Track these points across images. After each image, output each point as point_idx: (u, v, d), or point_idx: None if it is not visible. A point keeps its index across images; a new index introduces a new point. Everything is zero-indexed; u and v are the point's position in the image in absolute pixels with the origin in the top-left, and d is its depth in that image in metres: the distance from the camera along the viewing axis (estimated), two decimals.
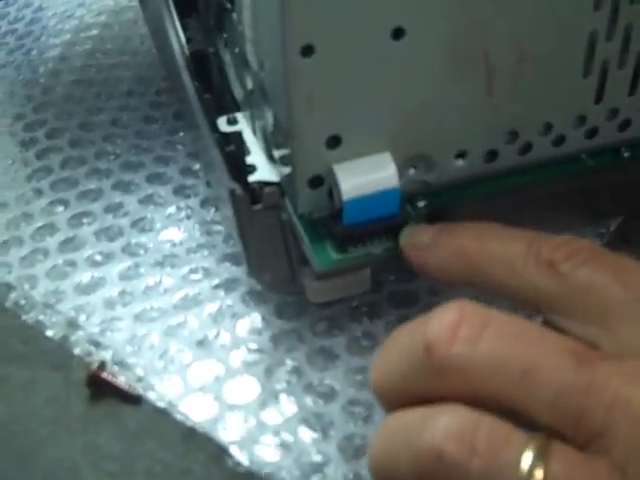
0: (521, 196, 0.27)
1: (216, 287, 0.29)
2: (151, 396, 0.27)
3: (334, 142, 0.24)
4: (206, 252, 0.31)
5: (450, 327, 0.19)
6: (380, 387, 0.20)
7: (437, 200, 0.26)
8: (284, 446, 0.25)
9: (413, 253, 0.24)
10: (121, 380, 0.27)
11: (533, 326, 0.19)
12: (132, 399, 0.27)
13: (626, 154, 0.28)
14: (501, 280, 0.22)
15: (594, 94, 0.26)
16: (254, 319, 0.28)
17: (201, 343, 0.28)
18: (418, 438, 0.18)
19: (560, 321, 0.21)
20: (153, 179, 0.34)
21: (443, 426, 0.18)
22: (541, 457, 0.17)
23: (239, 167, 0.26)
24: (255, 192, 0.26)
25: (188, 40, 0.31)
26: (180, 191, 0.33)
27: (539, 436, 0.18)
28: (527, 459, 0.17)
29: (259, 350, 0.27)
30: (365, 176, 0.24)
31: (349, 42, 0.22)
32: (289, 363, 0.27)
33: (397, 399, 0.20)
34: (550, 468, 0.17)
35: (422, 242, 0.24)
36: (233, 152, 0.27)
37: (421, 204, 0.26)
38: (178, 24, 0.32)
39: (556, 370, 0.18)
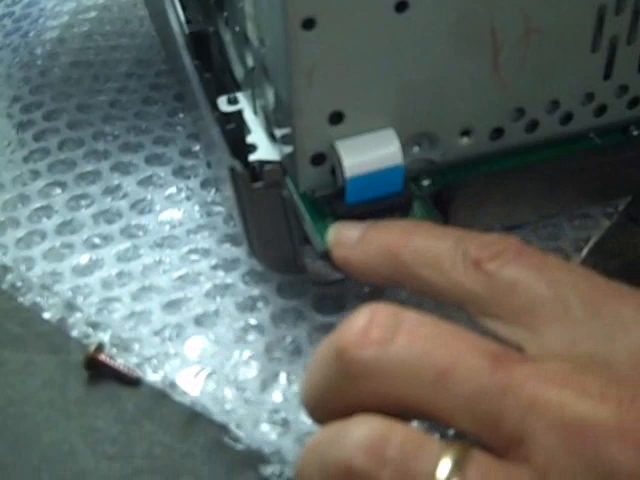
0: (527, 175, 0.27)
1: (215, 267, 0.29)
2: (149, 375, 0.26)
3: (336, 118, 0.23)
4: (206, 233, 0.30)
5: (360, 331, 0.18)
6: (306, 402, 0.20)
7: (442, 179, 0.26)
8: (285, 425, 0.24)
9: (339, 250, 0.23)
10: (119, 362, 0.26)
11: (449, 327, 0.18)
12: (131, 381, 0.26)
13: (635, 132, 0.27)
14: (426, 279, 0.21)
15: (603, 70, 0.26)
16: (254, 297, 0.28)
17: (199, 320, 0.27)
18: (329, 452, 0.18)
19: (486, 322, 0.20)
20: (152, 160, 0.33)
21: (353, 437, 0.18)
22: (458, 466, 0.17)
23: (240, 146, 0.26)
24: (256, 170, 0.25)
25: (188, 20, 0.31)
26: (180, 172, 0.33)
27: (456, 445, 0.17)
28: (443, 468, 0.17)
29: (259, 327, 0.27)
30: (368, 153, 0.24)
31: (351, 15, 0.22)
32: (290, 341, 0.27)
33: (323, 413, 0.19)
34: (466, 477, 0.17)
35: (349, 237, 0.23)
36: (233, 131, 0.26)
37: (425, 183, 0.26)
38: (178, 4, 0.31)
39: (470, 372, 0.17)
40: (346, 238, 0.23)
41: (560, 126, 0.26)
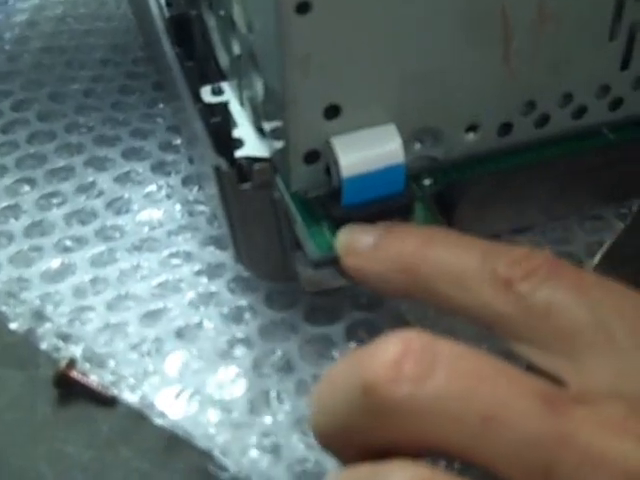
0: (536, 173, 0.25)
1: (199, 273, 0.27)
2: (125, 394, 0.24)
3: (333, 112, 0.22)
4: (188, 235, 0.28)
5: (393, 363, 0.16)
6: (322, 435, 0.18)
7: (445, 178, 0.24)
8: (275, 451, 0.23)
9: (350, 257, 0.21)
10: (92, 379, 0.24)
11: (492, 362, 0.17)
12: (105, 401, 0.24)
13: None
14: (449, 296, 0.19)
15: (620, 60, 0.24)
16: (241, 307, 0.26)
17: (181, 333, 0.26)
18: None
19: (519, 348, 0.18)
20: (130, 155, 0.32)
21: None
22: None
23: (225, 142, 0.24)
24: (243, 169, 0.23)
25: (168, 3, 0.29)
26: (159, 168, 0.31)
27: None
28: None
29: (246, 341, 0.25)
30: (367, 150, 0.22)
31: None
32: (280, 355, 0.25)
33: (344, 447, 0.17)
34: None
35: (362, 243, 0.21)
36: (218, 124, 0.24)
37: (427, 182, 0.24)
38: None
39: (520, 417, 0.16)
40: (359, 244, 0.21)
41: (572, 120, 0.25)
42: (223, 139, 0.24)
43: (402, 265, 0.20)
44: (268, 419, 0.23)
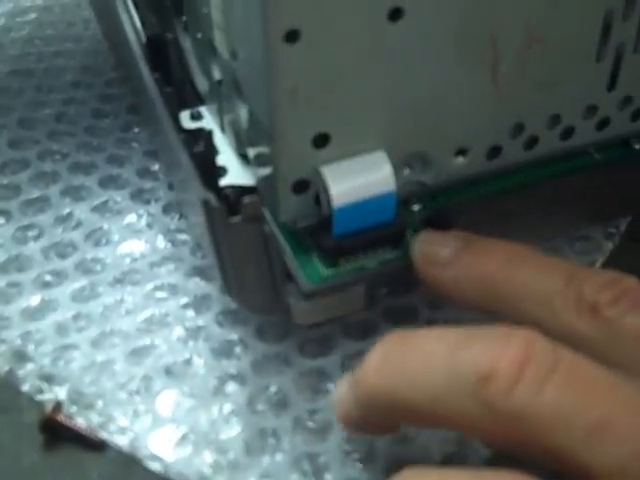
0: (524, 195, 0.25)
1: (185, 306, 0.26)
2: (115, 437, 0.23)
3: (322, 141, 0.21)
4: (172, 266, 0.27)
5: (516, 362, 0.17)
6: (402, 403, 0.18)
7: (433, 203, 0.24)
8: None
9: (427, 267, 0.21)
10: (80, 423, 0.23)
11: (605, 374, 0.17)
12: (94, 445, 0.23)
13: (637, 146, 0.26)
14: (534, 316, 0.19)
15: (607, 81, 0.24)
16: (231, 341, 0.25)
17: (170, 370, 0.25)
18: None
19: None
20: (107, 183, 0.31)
21: None
22: None
23: (209, 170, 0.23)
24: (230, 199, 0.23)
25: (143, 23, 0.28)
26: (138, 196, 0.30)
27: None
28: None
29: (239, 376, 0.24)
30: (357, 179, 0.22)
31: (340, 25, 0.20)
32: (274, 391, 0.24)
33: (406, 416, 0.18)
34: None
35: (440, 255, 0.21)
36: (202, 154, 0.24)
37: (415, 208, 0.24)
38: (131, 4, 0.29)
39: (629, 430, 0.16)
40: (439, 255, 0.21)
41: (560, 141, 0.25)
42: (207, 168, 0.23)
43: (484, 283, 0.20)
44: (266, 459, 0.22)
